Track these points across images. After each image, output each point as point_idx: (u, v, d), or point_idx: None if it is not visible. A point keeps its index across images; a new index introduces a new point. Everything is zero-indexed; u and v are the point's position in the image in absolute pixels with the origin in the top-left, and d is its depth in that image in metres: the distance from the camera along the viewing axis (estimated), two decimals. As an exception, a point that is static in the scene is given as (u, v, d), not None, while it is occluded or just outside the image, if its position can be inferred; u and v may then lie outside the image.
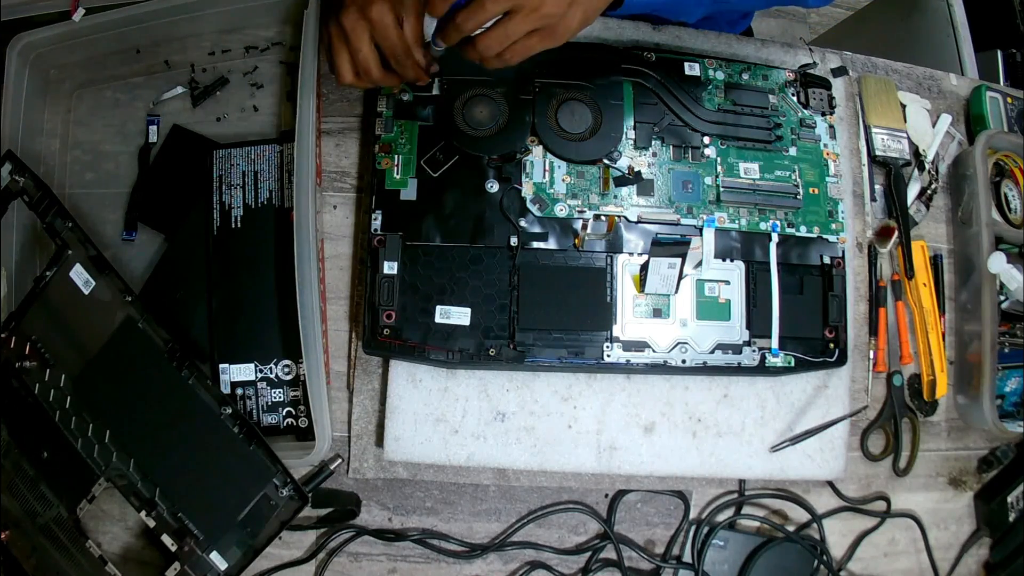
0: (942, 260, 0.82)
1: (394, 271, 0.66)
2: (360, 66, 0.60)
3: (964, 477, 0.80)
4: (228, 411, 0.62)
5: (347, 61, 0.61)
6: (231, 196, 0.73)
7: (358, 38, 0.59)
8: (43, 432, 0.66)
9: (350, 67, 0.61)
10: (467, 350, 0.66)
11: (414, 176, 0.69)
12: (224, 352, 0.70)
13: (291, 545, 0.70)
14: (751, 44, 0.81)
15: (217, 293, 0.71)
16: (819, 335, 0.71)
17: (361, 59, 0.59)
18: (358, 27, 0.58)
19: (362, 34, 0.59)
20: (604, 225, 0.69)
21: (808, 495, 0.75)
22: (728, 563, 0.72)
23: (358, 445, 0.70)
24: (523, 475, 0.71)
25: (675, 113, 0.72)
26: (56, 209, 0.67)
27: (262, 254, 0.72)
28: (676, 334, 0.69)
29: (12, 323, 0.68)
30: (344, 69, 0.61)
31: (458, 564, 0.71)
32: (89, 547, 0.65)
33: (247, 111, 0.77)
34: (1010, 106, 0.88)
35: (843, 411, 0.73)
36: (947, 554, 0.79)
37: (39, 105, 0.78)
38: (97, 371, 0.65)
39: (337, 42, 0.60)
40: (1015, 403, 0.81)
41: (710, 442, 0.71)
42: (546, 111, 0.70)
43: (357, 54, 0.59)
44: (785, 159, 0.73)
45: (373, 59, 0.60)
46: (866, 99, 0.83)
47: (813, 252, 0.72)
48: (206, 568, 0.62)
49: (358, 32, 0.58)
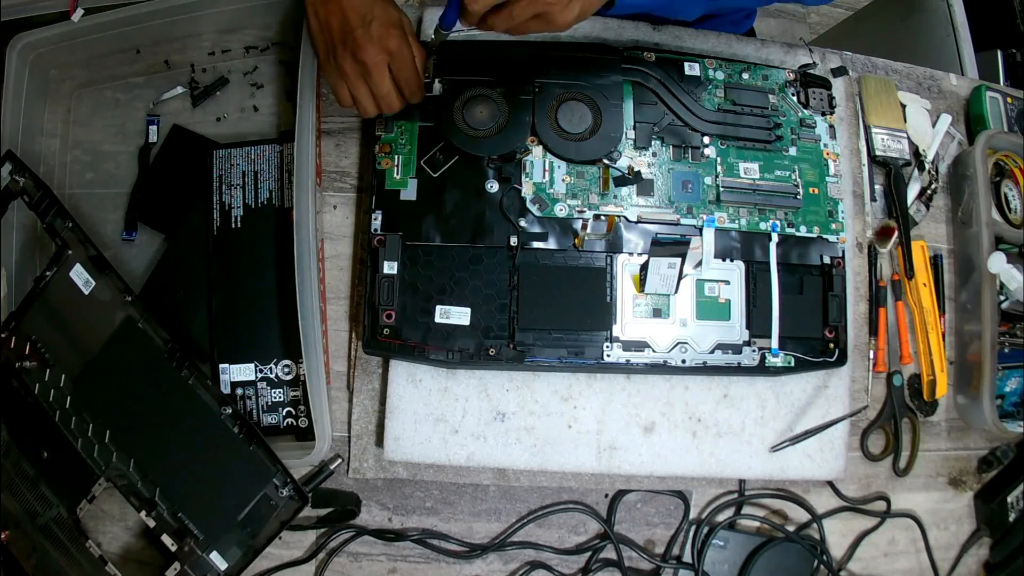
0: (942, 260, 0.82)
1: (394, 271, 0.66)
2: (384, 100, 0.63)
3: (964, 477, 0.80)
4: (228, 411, 0.62)
5: (368, 96, 0.63)
6: (231, 196, 0.73)
7: (380, 72, 0.61)
8: (43, 432, 0.66)
9: (372, 101, 0.63)
10: (467, 350, 0.66)
11: (414, 176, 0.69)
12: (224, 352, 0.71)
13: (291, 545, 0.70)
14: (751, 44, 0.80)
15: (217, 293, 0.71)
16: (819, 335, 0.71)
17: (385, 92, 0.62)
18: (379, 61, 0.60)
19: (383, 68, 0.61)
20: (604, 225, 0.69)
21: (808, 495, 0.75)
22: (728, 563, 0.72)
23: (358, 445, 0.70)
24: (523, 475, 0.71)
25: (675, 113, 0.72)
26: (56, 209, 0.67)
27: (262, 254, 0.72)
28: (676, 334, 0.69)
29: (12, 323, 0.68)
30: (367, 104, 0.63)
31: (458, 564, 0.71)
32: (89, 547, 0.65)
33: (247, 111, 0.77)
34: (1010, 106, 0.88)
35: (843, 411, 0.73)
36: (947, 554, 0.79)
37: (39, 105, 0.78)
38: (97, 371, 0.66)
39: (356, 79, 0.62)
40: (1015, 403, 0.81)
41: (710, 442, 0.71)
42: (546, 111, 0.70)
43: (380, 88, 0.62)
44: (785, 159, 0.73)
45: (394, 90, 0.63)
46: (866, 99, 0.83)
47: (813, 252, 0.72)
48: (206, 568, 0.62)
49: (380, 67, 0.61)
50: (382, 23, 0.60)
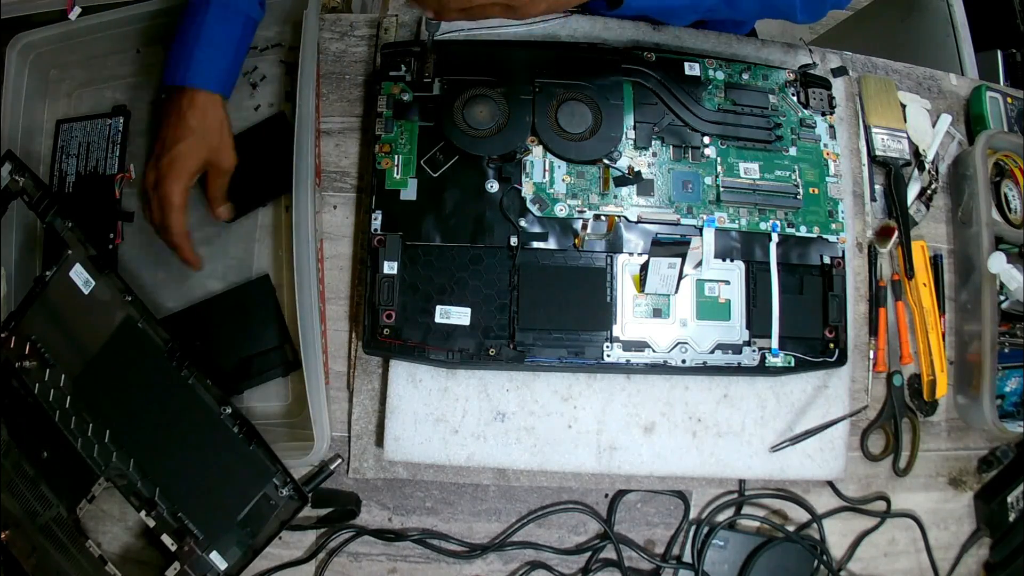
0: (942, 260, 0.82)
1: (394, 271, 0.66)
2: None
3: (964, 477, 0.80)
4: (228, 411, 0.62)
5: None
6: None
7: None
8: (43, 432, 0.66)
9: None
10: (467, 350, 0.66)
11: (414, 176, 0.69)
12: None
13: (291, 545, 0.70)
14: (751, 44, 0.80)
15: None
16: (819, 335, 0.71)
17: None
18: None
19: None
20: (604, 225, 0.69)
21: (808, 495, 0.75)
22: (728, 563, 0.72)
23: (358, 445, 0.70)
24: (523, 475, 0.71)
25: (675, 113, 0.72)
26: (56, 209, 0.67)
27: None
28: (676, 334, 0.69)
29: (12, 323, 0.68)
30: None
31: (458, 564, 0.71)
32: (89, 547, 0.65)
33: (247, 111, 0.77)
34: (1010, 106, 0.87)
35: (843, 411, 0.73)
36: (947, 554, 0.79)
37: (39, 105, 0.78)
38: (97, 371, 0.66)
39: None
40: (1015, 403, 0.81)
41: (710, 442, 0.71)
42: (546, 111, 0.70)
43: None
44: (785, 159, 0.73)
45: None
46: (866, 99, 0.83)
47: (813, 252, 0.72)
48: (206, 568, 0.62)
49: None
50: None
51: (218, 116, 0.66)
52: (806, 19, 0.73)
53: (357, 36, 0.79)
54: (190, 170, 0.65)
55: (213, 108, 0.66)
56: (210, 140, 0.66)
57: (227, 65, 0.68)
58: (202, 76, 0.65)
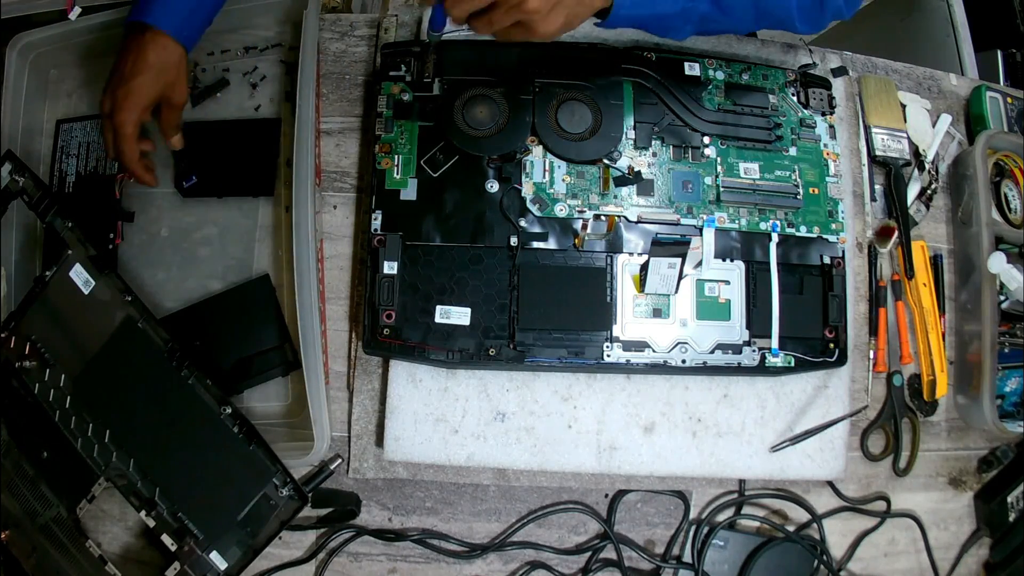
0: (942, 260, 0.82)
1: (394, 271, 0.66)
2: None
3: (964, 477, 0.80)
4: (228, 411, 0.62)
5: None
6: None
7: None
8: (43, 432, 0.66)
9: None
10: (467, 350, 0.66)
11: (414, 176, 0.69)
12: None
13: (291, 545, 0.70)
14: (751, 44, 0.80)
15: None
16: (819, 335, 0.71)
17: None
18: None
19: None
20: (604, 225, 0.69)
21: (808, 495, 0.75)
22: (728, 563, 0.72)
23: (358, 445, 0.70)
24: (523, 475, 0.71)
25: (675, 113, 0.72)
26: (56, 209, 0.67)
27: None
28: (676, 334, 0.69)
29: (12, 323, 0.68)
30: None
31: (458, 564, 0.71)
32: (89, 547, 0.65)
33: (247, 111, 0.77)
34: (1010, 106, 0.87)
35: (843, 411, 0.73)
36: (947, 554, 0.79)
37: (39, 105, 0.78)
38: (97, 371, 0.65)
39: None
40: (1015, 403, 0.81)
41: (710, 442, 0.71)
42: (546, 111, 0.70)
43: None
44: (785, 159, 0.73)
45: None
46: (866, 99, 0.83)
47: (813, 252, 0.72)
48: (206, 568, 0.62)
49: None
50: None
51: (177, 53, 0.67)
52: (806, 30, 0.73)
53: (357, 36, 0.79)
54: (143, 103, 0.66)
55: (172, 47, 0.66)
56: (167, 76, 0.66)
57: (191, 10, 0.68)
58: (166, 18, 0.66)
